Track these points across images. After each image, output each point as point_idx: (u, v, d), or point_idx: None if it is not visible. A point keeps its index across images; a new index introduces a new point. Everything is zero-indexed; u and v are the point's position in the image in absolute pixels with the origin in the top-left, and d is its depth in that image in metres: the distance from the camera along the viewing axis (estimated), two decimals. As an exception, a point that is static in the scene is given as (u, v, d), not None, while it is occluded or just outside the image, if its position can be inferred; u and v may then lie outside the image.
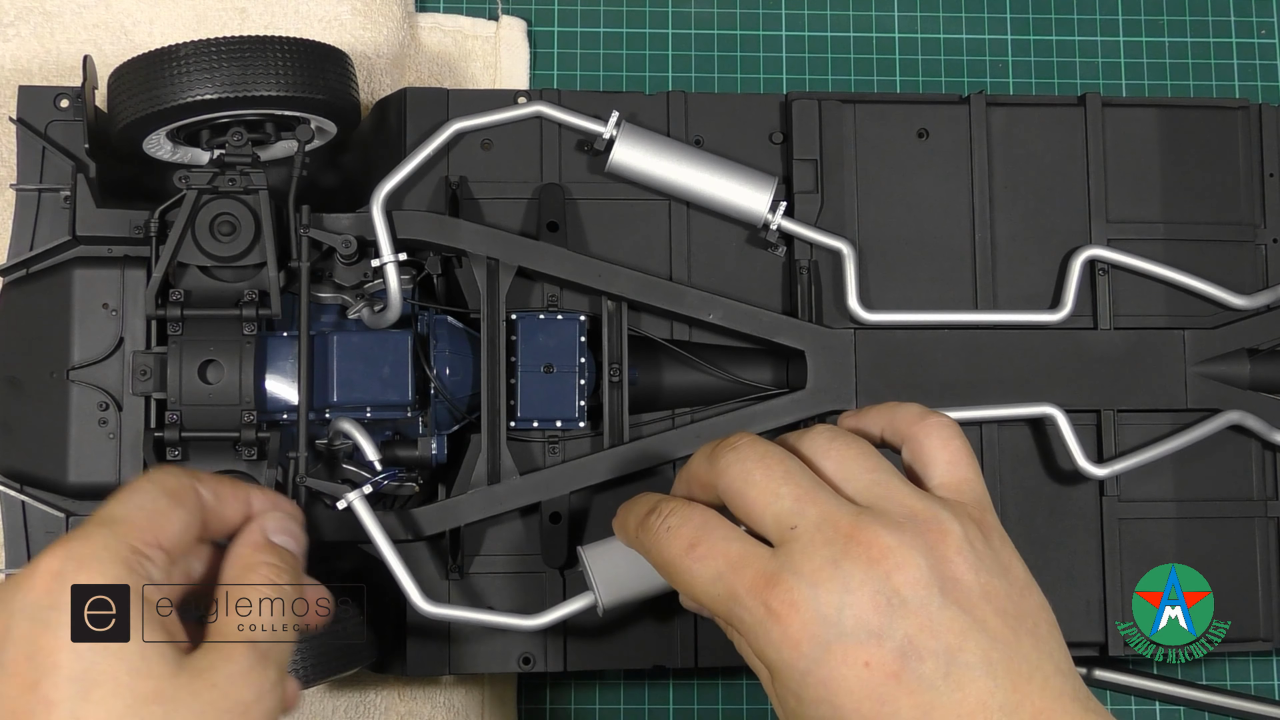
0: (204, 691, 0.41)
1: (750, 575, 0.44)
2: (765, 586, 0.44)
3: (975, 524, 0.46)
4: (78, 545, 0.42)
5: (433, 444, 0.57)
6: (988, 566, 0.44)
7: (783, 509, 0.45)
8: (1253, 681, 0.66)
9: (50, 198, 0.57)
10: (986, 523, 0.46)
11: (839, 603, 0.43)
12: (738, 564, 0.45)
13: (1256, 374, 0.62)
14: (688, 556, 0.46)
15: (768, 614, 0.43)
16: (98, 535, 0.43)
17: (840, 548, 0.43)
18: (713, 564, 0.45)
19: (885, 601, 0.43)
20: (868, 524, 0.44)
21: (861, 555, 0.43)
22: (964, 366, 0.60)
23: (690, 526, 0.46)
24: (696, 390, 0.60)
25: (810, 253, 0.60)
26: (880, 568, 0.43)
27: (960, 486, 0.47)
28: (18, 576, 0.43)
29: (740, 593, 0.44)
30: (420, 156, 0.58)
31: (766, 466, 0.46)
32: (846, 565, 0.43)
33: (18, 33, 0.64)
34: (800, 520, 0.44)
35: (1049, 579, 0.59)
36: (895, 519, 0.44)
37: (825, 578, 0.43)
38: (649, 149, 0.59)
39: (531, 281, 0.59)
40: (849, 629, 0.43)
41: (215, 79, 0.54)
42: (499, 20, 0.69)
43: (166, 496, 0.45)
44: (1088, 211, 0.62)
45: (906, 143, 0.61)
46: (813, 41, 0.71)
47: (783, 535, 0.45)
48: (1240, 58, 0.72)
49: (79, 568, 0.42)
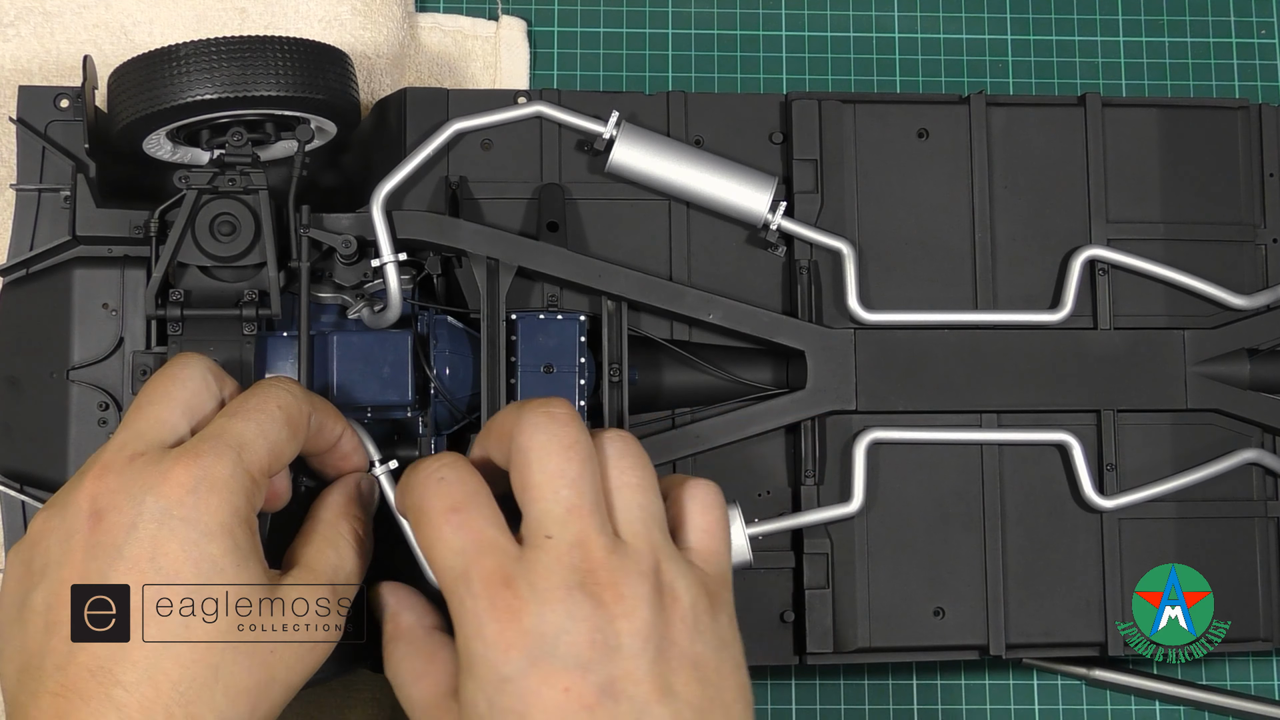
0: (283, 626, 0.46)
1: (489, 565, 0.45)
2: (499, 583, 0.45)
3: (708, 597, 0.47)
4: (211, 464, 0.45)
5: (433, 444, 0.57)
6: (706, 639, 0.46)
7: (551, 512, 0.46)
8: (1253, 681, 0.66)
9: (50, 198, 0.57)
10: (720, 599, 0.48)
11: (560, 627, 0.44)
12: (484, 548, 0.45)
13: (1256, 374, 0.62)
14: (444, 517, 0.46)
15: (490, 610, 0.44)
16: (228, 458, 0.46)
17: (581, 577, 0.45)
18: (463, 536, 0.46)
19: (603, 641, 0.44)
20: (613, 565, 0.45)
21: (596, 592, 0.44)
22: (964, 366, 0.60)
23: (460, 490, 0.47)
24: (696, 390, 0.60)
25: (810, 253, 0.60)
26: (609, 610, 0.44)
27: (708, 557, 0.48)
28: (145, 472, 0.45)
29: (473, 577, 0.45)
30: (420, 156, 0.58)
31: (565, 459, 0.46)
32: (579, 596, 0.44)
33: (18, 33, 0.64)
34: (559, 534, 0.45)
35: (1049, 579, 0.60)
36: (641, 568, 0.45)
37: (556, 599, 0.44)
38: (649, 149, 0.59)
39: (531, 281, 0.59)
40: (560, 653, 0.44)
41: (215, 79, 0.54)
42: (499, 20, 0.69)
43: (288, 427, 0.48)
44: (1088, 211, 0.62)
45: (906, 143, 0.61)
46: (813, 41, 0.71)
47: (537, 538, 0.45)
48: (1240, 58, 0.72)
49: (211, 490, 0.45)
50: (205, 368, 0.50)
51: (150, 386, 0.49)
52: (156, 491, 0.45)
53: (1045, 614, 0.60)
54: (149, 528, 0.44)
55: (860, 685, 0.65)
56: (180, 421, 0.48)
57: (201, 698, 0.44)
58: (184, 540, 0.44)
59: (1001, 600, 0.59)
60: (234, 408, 0.48)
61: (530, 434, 0.47)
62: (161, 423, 0.47)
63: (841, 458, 0.59)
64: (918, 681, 0.66)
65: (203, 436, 0.47)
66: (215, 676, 0.44)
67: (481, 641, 0.44)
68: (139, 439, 0.47)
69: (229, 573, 0.45)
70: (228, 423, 0.47)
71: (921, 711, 0.65)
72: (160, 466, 0.45)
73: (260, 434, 0.47)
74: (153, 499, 0.44)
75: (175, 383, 0.49)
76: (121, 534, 0.44)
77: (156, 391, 0.48)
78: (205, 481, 0.45)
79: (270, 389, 0.49)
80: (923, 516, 0.60)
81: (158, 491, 0.45)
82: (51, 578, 0.45)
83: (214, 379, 0.50)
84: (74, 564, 0.44)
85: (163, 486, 0.45)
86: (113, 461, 0.46)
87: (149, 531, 0.44)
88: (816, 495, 0.59)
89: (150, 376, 0.50)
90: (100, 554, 0.44)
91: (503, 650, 0.44)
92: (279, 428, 0.48)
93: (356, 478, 0.53)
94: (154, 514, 0.44)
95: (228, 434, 0.47)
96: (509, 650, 0.44)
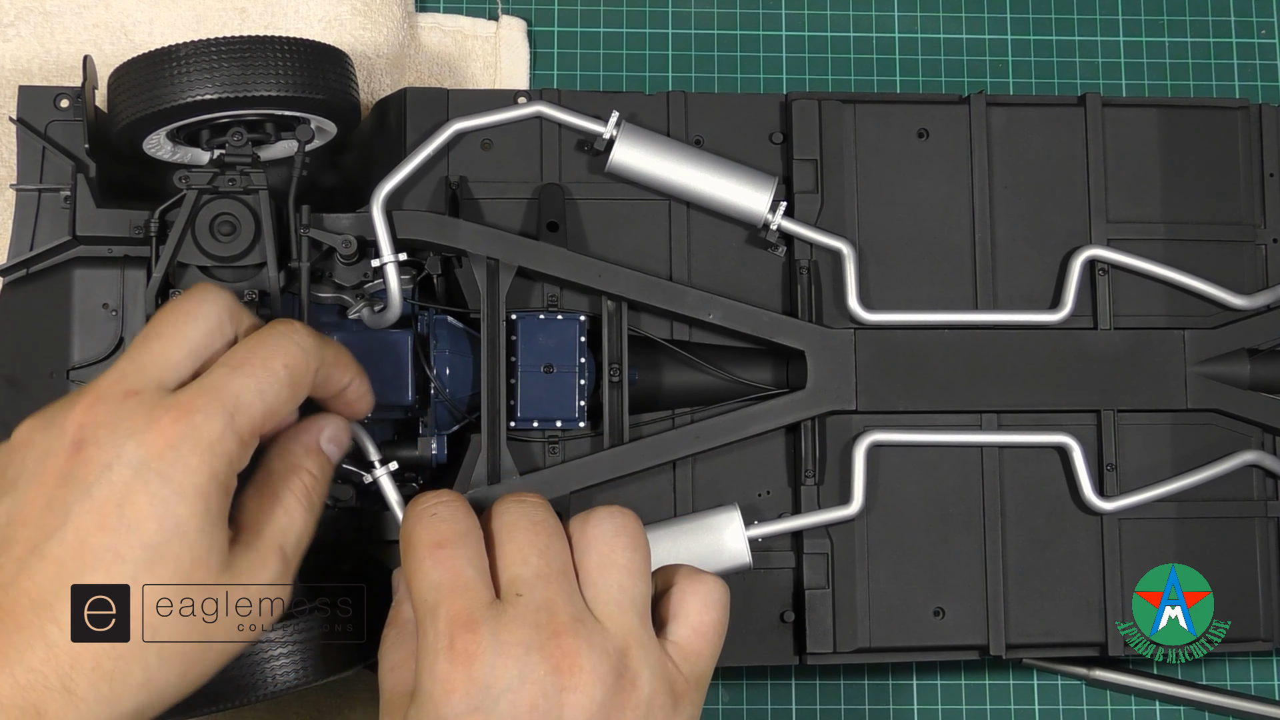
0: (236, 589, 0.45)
1: (460, 606, 0.45)
2: (463, 625, 0.45)
3: (673, 695, 0.47)
4: (201, 422, 0.44)
5: (433, 444, 0.57)
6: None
7: (521, 575, 0.46)
8: (1253, 681, 0.66)
9: (50, 198, 0.57)
10: (685, 699, 0.47)
11: (508, 684, 0.44)
12: (458, 589, 0.46)
13: (1256, 374, 0.62)
14: (429, 550, 0.47)
15: (448, 649, 0.45)
16: (219, 419, 0.45)
17: (542, 639, 0.45)
18: (441, 572, 0.46)
19: (545, 709, 0.44)
20: (578, 635, 0.45)
21: (554, 658, 0.45)
22: (964, 366, 0.60)
23: (450, 529, 0.47)
24: (696, 390, 0.60)
25: (810, 252, 0.60)
26: (561, 679, 0.44)
27: (690, 657, 0.48)
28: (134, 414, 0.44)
29: (441, 614, 0.45)
30: (420, 156, 0.58)
31: (533, 532, 0.48)
32: (535, 658, 0.44)
33: (18, 33, 0.64)
34: (528, 594, 0.46)
35: (1049, 579, 0.60)
36: (606, 646, 0.45)
37: (512, 656, 0.44)
38: (649, 149, 0.59)
39: (531, 281, 0.59)
40: (500, 710, 0.44)
41: (215, 79, 0.54)
42: (499, 20, 0.69)
43: (290, 388, 0.47)
44: (1088, 211, 0.62)
45: (906, 143, 0.61)
46: (813, 41, 0.71)
47: (507, 595, 0.46)
48: (1240, 58, 0.72)
49: (194, 450, 0.44)
50: (224, 306, 0.48)
51: (163, 317, 0.47)
52: (140, 438, 0.43)
53: (1045, 614, 0.60)
54: (123, 473, 0.43)
55: (860, 685, 0.65)
56: (185, 363, 0.46)
57: (133, 654, 0.43)
58: (154, 495, 0.43)
59: (1001, 600, 0.59)
60: (240, 357, 0.47)
61: (501, 514, 0.49)
62: (165, 361, 0.46)
63: (841, 458, 0.59)
64: (918, 681, 0.66)
65: (200, 388, 0.45)
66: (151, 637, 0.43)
67: (431, 677, 0.45)
68: (139, 374, 0.45)
69: (191, 537, 0.43)
70: (229, 376, 0.46)
71: (921, 711, 0.65)
72: (151, 413, 0.44)
73: (259, 395, 0.46)
74: (134, 445, 0.43)
75: (189, 320, 0.47)
76: (95, 472, 0.43)
77: (168, 326, 0.47)
78: (190, 440, 0.44)
79: (281, 342, 0.47)
80: (923, 516, 0.60)
81: (141, 439, 0.43)
82: (20, 492, 0.44)
83: (230, 318, 0.48)
84: (44, 485, 0.43)
85: (147, 434, 0.44)
86: (108, 393, 0.45)
87: (122, 477, 0.43)
88: (816, 495, 0.59)
89: (166, 304, 0.49)
90: (70, 485, 0.43)
91: (447, 691, 0.44)
92: (279, 388, 0.46)
93: (321, 425, 0.51)
94: (132, 461, 0.43)
95: (225, 392, 0.45)
96: (452, 693, 0.44)
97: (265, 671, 0.51)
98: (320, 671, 0.53)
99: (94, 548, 0.43)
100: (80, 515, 0.43)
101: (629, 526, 0.49)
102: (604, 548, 0.48)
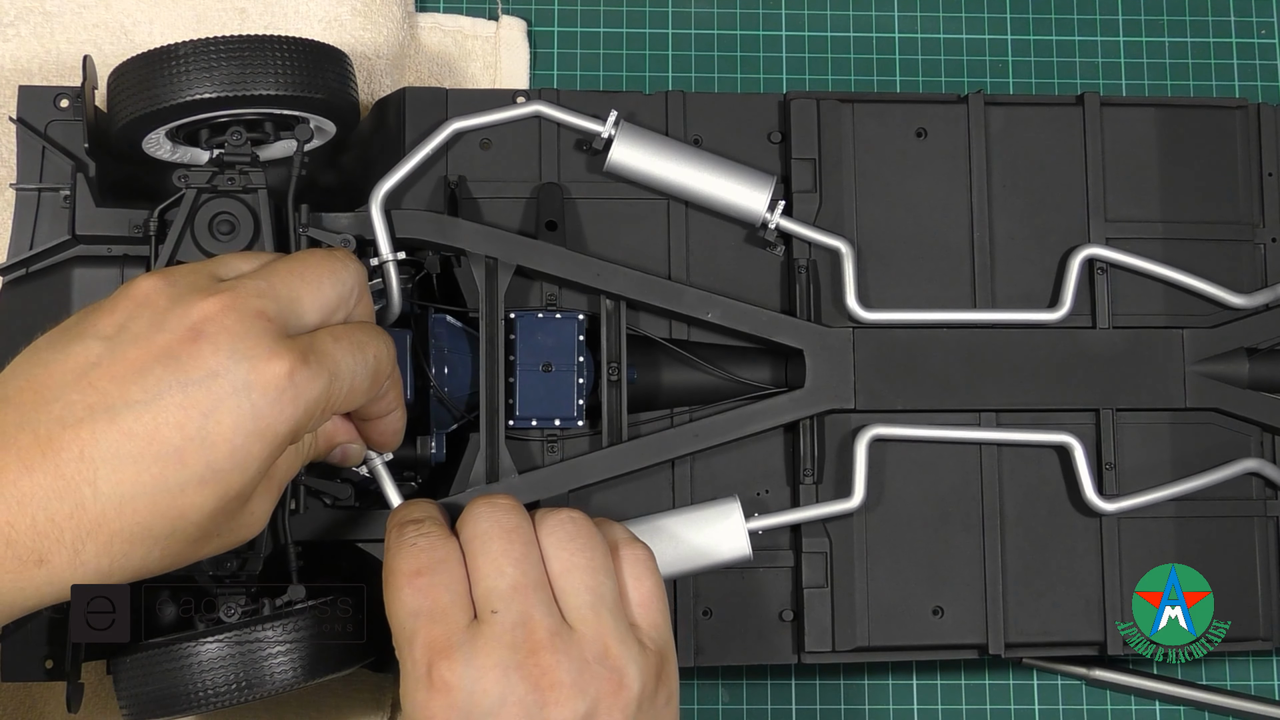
0: None
1: (436, 634, 0.45)
2: (439, 653, 0.45)
3: (656, 676, 0.47)
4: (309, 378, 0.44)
5: (431, 443, 0.57)
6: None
7: (497, 588, 0.46)
8: (1253, 681, 0.66)
9: (50, 197, 0.57)
10: (664, 674, 0.48)
11: (488, 708, 0.44)
12: (435, 616, 0.46)
13: (1255, 373, 0.62)
14: (407, 579, 0.47)
15: (427, 677, 0.45)
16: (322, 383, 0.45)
17: (520, 658, 0.45)
18: (419, 600, 0.46)
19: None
20: (556, 649, 0.45)
21: (533, 676, 0.45)
22: (962, 365, 0.60)
23: (428, 557, 0.47)
24: (695, 389, 0.60)
25: (809, 252, 0.60)
26: (543, 695, 0.45)
27: (649, 630, 0.48)
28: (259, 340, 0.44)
29: (418, 642, 0.46)
30: (419, 156, 0.58)
31: (508, 541, 0.47)
32: (515, 677, 0.45)
33: (18, 33, 0.64)
34: (504, 610, 0.46)
35: (1049, 578, 0.60)
36: (585, 655, 0.46)
37: (492, 679, 0.45)
38: (647, 148, 0.59)
39: (530, 280, 0.59)
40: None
41: (214, 78, 0.54)
42: (499, 20, 0.69)
43: (369, 380, 0.48)
44: (1086, 210, 0.62)
45: (905, 142, 0.61)
46: (813, 41, 0.71)
47: (483, 614, 0.46)
48: (1240, 58, 0.72)
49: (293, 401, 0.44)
50: (360, 280, 0.49)
51: (313, 264, 0.48)
52: (254, 364, 0.43)
53: (1045, 613, 0.60)
54: (225, 387, 0.43)
55: (860, 685, 0.65)
56: (312, 317, 0.47)
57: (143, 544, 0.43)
58: (241, 424, 0.43)
59: (1001, 599, 0.59)
60: (347, 333, 0.47)
61: (475, 522, 0.48)
62: (300, 306, 0.46)
63: (840, 457, 0.59)
64: (917, 681, 0.66)
65: (316, 349, 0.45)
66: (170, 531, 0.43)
67: (413, 705, 0.45)
68: (275, 303, 0.45)
69: (249, 475, 0.44)
70: (336, 348, 0.46)
71: (921, 711, 0.65)
72: (274, 346, 0.44)
73: (350, 375, 0.46)
74: (247, 368, 0.43)
75: (332, 280, 0.48)
76: (201, 371, 0.43)
77: (314, 274, 0.47)
78: (293, 391, 0.44)
79: (379, 338, 0.49)
80: (922, 515, 0.60)
81: (254, 365, 0.43)
82: (122, 344, 0.43)
83: (358, 295, 0.49)
84: (147, 351, 0.43)
85: (263, 364, 0.43)
86: (244, 304, 0.44)
87: (223, 390, 0.43)
88: (815, 494, 0.59)
89: (315, 251, 0.50)
90: (171, 368, 0.43)
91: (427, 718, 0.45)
92: (364, 377, 0.47)
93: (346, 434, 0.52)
94: (237, 381, 0.43)
95: (332, 359, 0.46)
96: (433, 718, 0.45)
97: (264, 670, 0.51)
98: (319, 670, 0.53)
99: (164, 440, 0.42)
100: (167, 403, 0.42)
101: (583, 529, 0.49)
102: (564, 553, 0.48)
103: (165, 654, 0.51)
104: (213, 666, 0.51)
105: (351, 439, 0.52)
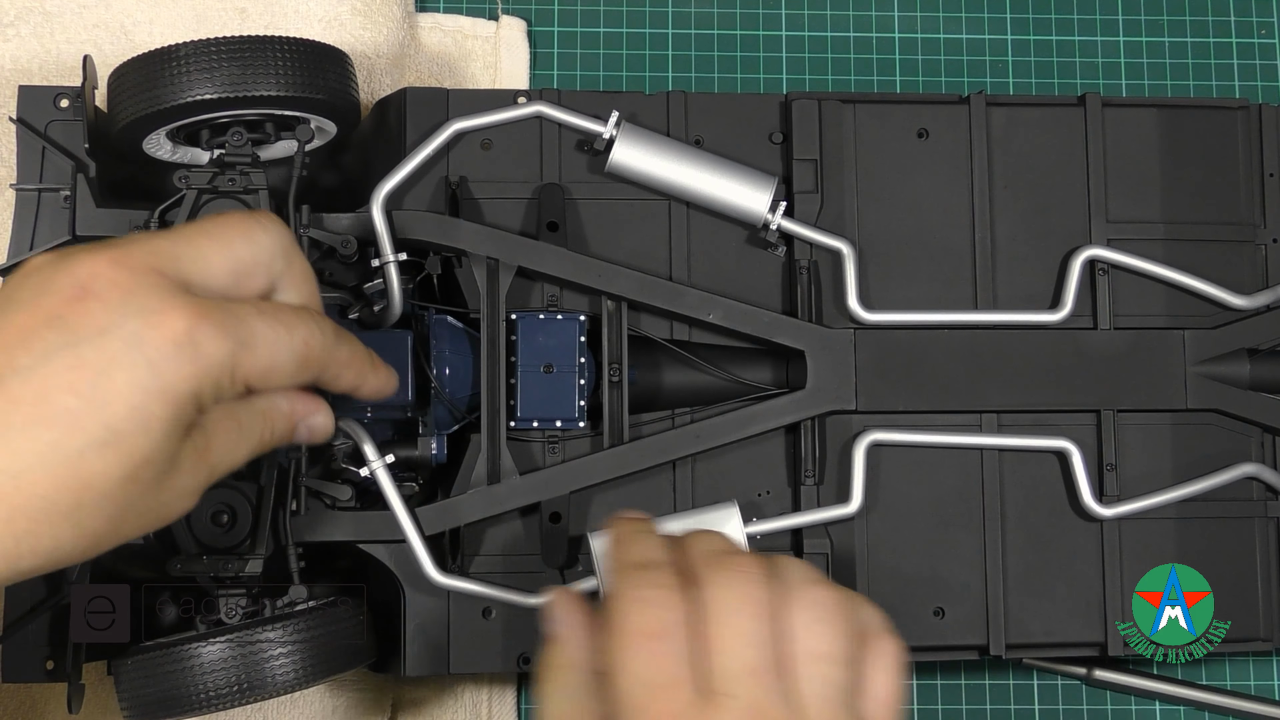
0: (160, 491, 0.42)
1: (668, 710, 0.41)
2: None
3: None
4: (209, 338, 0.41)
5: (433, 444, 0.57)
6: None
7: (734, 668, 0.42)
8: (1253, 681, 0.66)
9: (50, 197, 0.57)
10: None
11: None
12: (668, 688, 0.41)
13: (1256, 374, 0.62)
14: (642, 639, 0.42)
15: None
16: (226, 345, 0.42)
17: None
18: (653, 670, 0.42)
19: None
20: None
21: None
22: (964, 366, 0.60)
23: (666, 618, 0.43)
24: (696, 390, 0.60)
25: (810, 252, 0.60)
26: None
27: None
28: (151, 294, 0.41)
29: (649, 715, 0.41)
30: (420, 156, 0.58)
31: (756, 620, 0.43)
32: None
33: (18, 33, 0.64)
34: (738, 693, 0.41)
35: (1049, 579, 0.60)
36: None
37: None
38: (649, 149, 0.59)
39: (531, 281, 0.59)
40: None
41: (215, 79, 0.54)
42: (499, 20, 0.69)
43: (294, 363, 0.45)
44: (1087, 211, 0.62)
45: (906, 143, 0.61)
46: (813, 41, 0.71)
47: (713, 692, 0.41)
48: (1240, 58, 0.72)
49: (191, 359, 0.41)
50: (283, 242, 0.46)
51: (221, 223, 0.45)
52: (147, 319, 0.41)
53: (1045, 614, 0.60)
54: (115, 344, 0.40)
55: (860, 685, 0.65)
56: (220, 275, 0.44)
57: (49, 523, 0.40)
58: (135, 381, 0.40)
59: (1001, 600, 0.59)
60: (274, 310, 0.45)
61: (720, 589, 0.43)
62: (203, 263, 0.44)
63: (841, 458, 0.59)
64: (918, 681, 0.66)
65: (222, 308, 0.43)
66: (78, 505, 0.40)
67: None
68: (173, 260, 0.43)
69: (153, 436, 0.41)
70: (252, 316, 0.43)
71: (921, 711, 0.65)
72: (168, 300, 0.41)
73: (269, 350, 0.44)
74: (139, 323, 0.41)
75: (244, 239, 0.45)
76: (90, 329, 0.40)
77: (221, 232, 0.45)
78: (192, 348, 0.41)
79: (309, 321, 0.46)
80: (922, 516, 0.60)
81: (147, 320, 0.41)
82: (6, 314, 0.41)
83: (283, 257, 0.46)
84: (32, 316, 0.41)
85: (156, 319, 0.41)
86: (133, 260, 0.42)
87: (113, 348, 0.40)
88: (816, 495, 0.59)
89: (228, 213, 0.46)
90: (58, 330, 0.40)
91: None
92: (287, 359, 0.44)
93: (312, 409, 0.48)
94: (129, 337, 0.40)
95: (243, 327, 0.43)
96: None
97: (266, 672, 0.51)
98: (321, 672, 0.53)
99: (55, 406, 0.40)
100: (56, 365, 0.40)
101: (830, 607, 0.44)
102: (813, 638, 0.43)
103: (166, 655, 0.51)
104: (214, 668, 0.50)
105: (312, 411, 0.48)
